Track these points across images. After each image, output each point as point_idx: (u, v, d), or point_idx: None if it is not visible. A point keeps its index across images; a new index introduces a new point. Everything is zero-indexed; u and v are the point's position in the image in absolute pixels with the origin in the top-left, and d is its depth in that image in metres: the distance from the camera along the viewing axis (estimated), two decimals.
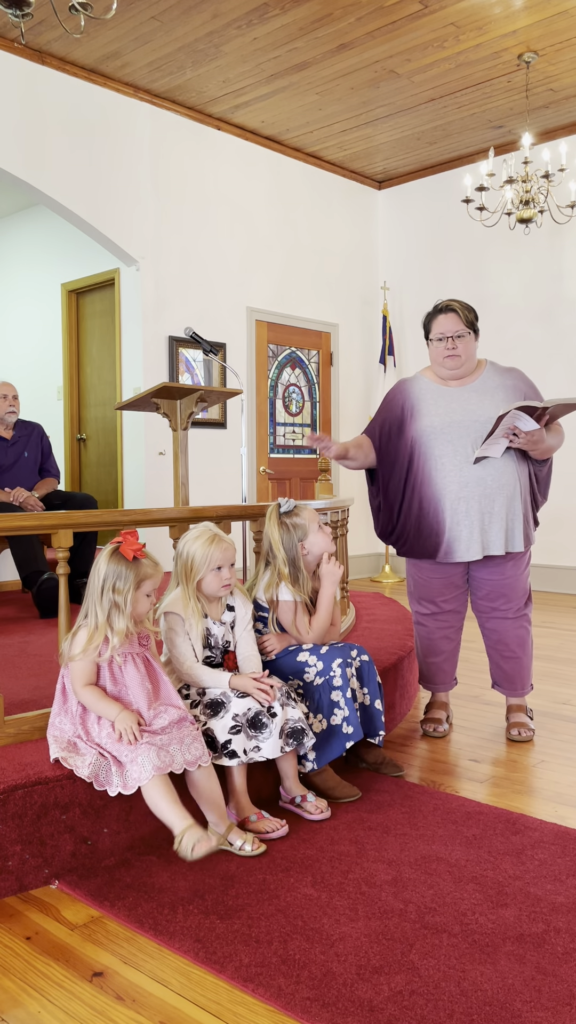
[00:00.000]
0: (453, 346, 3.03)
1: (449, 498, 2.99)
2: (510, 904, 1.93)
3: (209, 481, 6.17)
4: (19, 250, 7.54)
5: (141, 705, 2.19)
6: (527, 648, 3.17)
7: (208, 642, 2.47)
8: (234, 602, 2.54)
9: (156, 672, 2.28)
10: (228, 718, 2.31)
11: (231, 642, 2.52)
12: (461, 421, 3.00)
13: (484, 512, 2.98)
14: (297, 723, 2.38)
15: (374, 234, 7.74)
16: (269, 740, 2.31)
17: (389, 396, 3.20)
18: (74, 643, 2.21)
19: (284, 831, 2.30)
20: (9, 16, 3.22)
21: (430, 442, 3.02)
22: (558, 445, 3.08)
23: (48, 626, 3.92)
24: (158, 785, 2.06)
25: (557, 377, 6.62)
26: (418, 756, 3.00)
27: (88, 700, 2.17)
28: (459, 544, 3.00)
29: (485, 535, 2.99)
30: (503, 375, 3.12)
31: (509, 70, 5.51)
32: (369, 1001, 1.58)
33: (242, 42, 5.12)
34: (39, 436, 4.78)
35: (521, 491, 3.03)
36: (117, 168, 5.72)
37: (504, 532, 3.00)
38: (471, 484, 2.98)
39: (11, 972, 1.75)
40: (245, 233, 6.59)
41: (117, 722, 2.13)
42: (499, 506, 2.98)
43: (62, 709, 2.24)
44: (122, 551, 2.19)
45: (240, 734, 2.30)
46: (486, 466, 2.99)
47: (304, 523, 2.66)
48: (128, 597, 2.17)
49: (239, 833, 2.21)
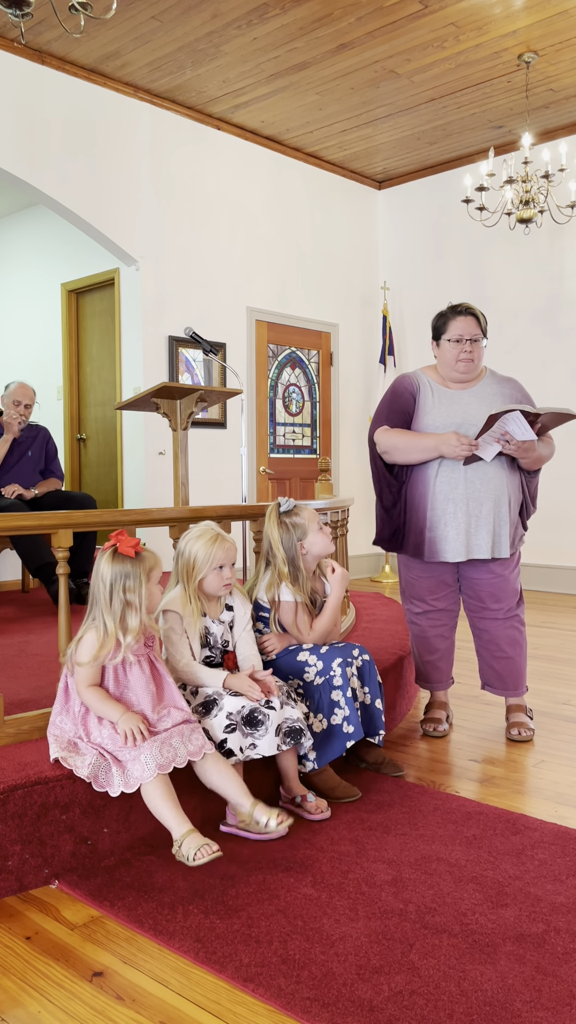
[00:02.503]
0: (469, 349, 3.03)
1: (439, 499, 3.02)
2: (510, 904, 1.93)
3: (209, 481, 6.17)
4: (19, 250, 7.54)
5: (145, 707, 2.19)
6: (519, 648, 3.18)
7: (207, 641, 2.47)
8: (233, 602, 2.54)
9: (160, 674, 2.28)
10: (222, 716, 2.31)
11: (230, 642, 2.52)
12: (460, 424, 3.01)
13: (471, 515, 3.00)
14: (295, 723, 2.38)
15: (374, 234, 7.74)
16: (265, 737, 2.31)
17: (398, 388, 3.16)
18: (81, 648, 2.19)
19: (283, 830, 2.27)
20: (9, 16, 3.22)
21: None
22: (548, 456, 3.09)
23: (48, 626, 3.92)
24: (159, 786, 2.06)
25: (557, 377, 6.62)
26: (418, 756, 3.00)
27: (91, 701, 2.17)
28: (445, 544, 3.02)
29: (471, 538, 3.01)
30: (501, 383, 3.15)
31: (509, 70, 5.51)
32: (369, 1001, 1.58)
33: (242, 42, 5.12)
34: (44, 439, 4.80)
35: (509, 498, 3.05)
36: (117, 168, 5.72)
37: (491, 536, 3.01)
38: (461, 486, 3.00)
39: (11, 972, 1.75)
40: (245, 233, 6.59)
41: (120, 723, 2.12)
42: (487, 510, 3.00)
43: (63, 709, 2.24)
44: (121, 551, 2.19)
45: (235, 732, 2.30)
46: (476, 470, 3.00)
47: (303, 523, 2.66)
48: (142, 592, 2.19)
49: (264, 809, 2.20)
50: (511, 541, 3.05)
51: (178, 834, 2.02)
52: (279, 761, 2.46)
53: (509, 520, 3.04)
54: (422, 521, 3.06)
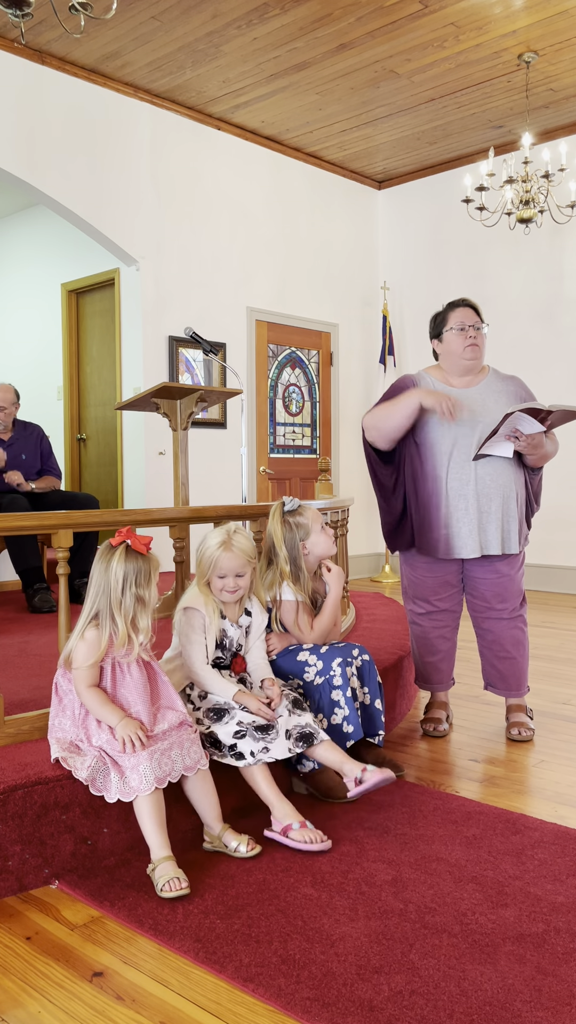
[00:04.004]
0: (473, 335, 3.05)
1: (452, 496, 3.02)
2: (510, 904, 1.93)
3: (209, 481, 6.17)
4: (19, 250, 7.54)
5: (141, 708, 2.17)
6: (523, 648, 3.18)
7: (222, 643, 2.46)
8: (252, 608, 2.53)
9: (156, 673, 2.27)
10: (232, 724, 2.30)
11: (243, 646, 2.52)
12: (467, 421, 3.02)
13: (482, 511, 3.01)
14: (305, 728, 2.37)
15: (374, 234, 7.74)
16: (277, 740, 2.30)
17: (398, 385, 3.16)
18: (81, 648, 2.16)
19: (325, 846, 2.19)
20: (9, 16, 3.22)
21: (436, 439, 3.04)
22: (553, 453, 3.11)
23: (48, 626, 3.92)
24: (150, 802, 2.05)
25: (557, 377, 6.62)
26: (418, 756, 3.00)
27: (91, 703, 2.15)
28: (459, 540, 3.02)
29: (483, 534, 3.02)
30: (504, 381, 3.16)
31: (509, 70, 5.51)
32: (369, 1001, 1.58)
33: (242, 42, 5.12)
34: (38, 437, 4.67)
35: (517, 494, 3.07)
36: (117, 168, 5.72)
37: (500, 532, 3.02)
38: (471, 483, 3.01)
39: (11, 972, 1.75)
40: (245, 233, 6.59)
41: (118, 729, 2.11)
42: (496, 506, 3.01)
43: (60, 710, 2.23)
44: (134, 547, 2.18)
45: (245, 738, 2.29)
46: (485, 466, 3.01)
47: (307, 523, 2.67)
48: (152, 590, 2.18)
49: (233, 835, 2.20)
50: (520, 537, 3.06)
51: (155, 857, 2.02)
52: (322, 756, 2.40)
53: (517, 516, 3.05)
54: (437, 519, 3.05)
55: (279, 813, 2.24)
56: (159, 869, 2.00)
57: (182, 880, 1.98)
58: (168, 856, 2.03)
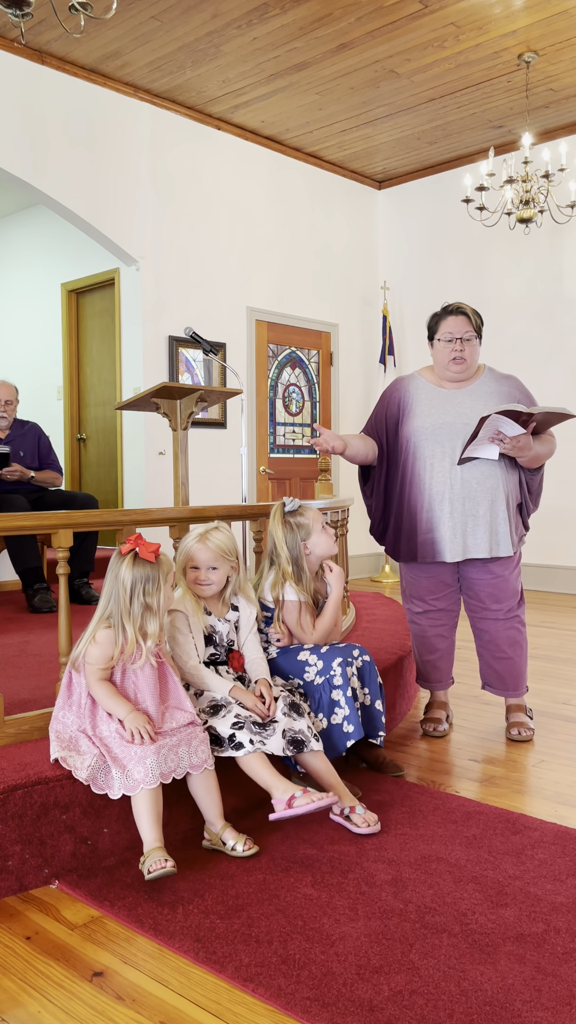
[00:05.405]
0: (460, 348, 3.03)
1: (435, 499, 3.03)
2: (510, 904, 1.93)
3: (209, 481, 6.17)
4: (19, 250, 7.54)
5: (149, 704, 2.20)
6: (520, 649, 3.18)
7: (213, 639, 2.47)
8: (239, 602, 2.54)
9: (167, 673, 2.28)
10: (230, 717, 2.31)
11: (235, 641, 2.53)
12: (452, 423, 3.01)
13: (468, 515, 3.00)
14: (298, 734, 2.37)
15: (374, 234, 7.74)
16: (273, 737, 2.31)
17: (386, 393, 3.22)
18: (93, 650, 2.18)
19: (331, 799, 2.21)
20: (9, 16, 3.22)
21: (420, 442, 3.05)
22: (548, 454, 3.08)
23: (48, 626, 3.92)
24: (149, 797, 2.06)
25: (557, 377, 6.62)
26: (418, 756, 3.00)
27: (100, 695, 2.18)
28: (442, 545, 3.03)
29: (467, 537, 3.01)
30: (500, 381, 3.13)
31: (509, 70, 5.51)
32: (369, 1001, 1.58)
33: (242, 42, 5.12)
34: (36, 435, 4.67)
35: (506, 496, 3.04)
36: (117, 168, 5.72)
37: (488, 535, 3.01)
38: (456, 486, 3.00)
39: (11, 972, 1.75)
40: (245, 233, 6.59)
41: (127, 721, 2.13)
42: (483, 509, 3.00)
43: (66, 704, 2.24)
44: (142, 555, 2.20)
45: (243, 729, 2.30)
46: (472, 469, 3.00)
47: (308, 523, 2.67)
48: (161, 596, 2.20)
49: (233, 833, 2.20)
50: (511, 539, 3.05)
51: (148, 847, 2.04)
52: (309, 764, 2.41)
53: (508, 518, 3.03)
54: (419, 523, 3.06)
55: (279, 792, 2.22)
56: (150, 857, 2.01)
57: (168, 860, 1.98)
58: (160, 846, 2.04)
